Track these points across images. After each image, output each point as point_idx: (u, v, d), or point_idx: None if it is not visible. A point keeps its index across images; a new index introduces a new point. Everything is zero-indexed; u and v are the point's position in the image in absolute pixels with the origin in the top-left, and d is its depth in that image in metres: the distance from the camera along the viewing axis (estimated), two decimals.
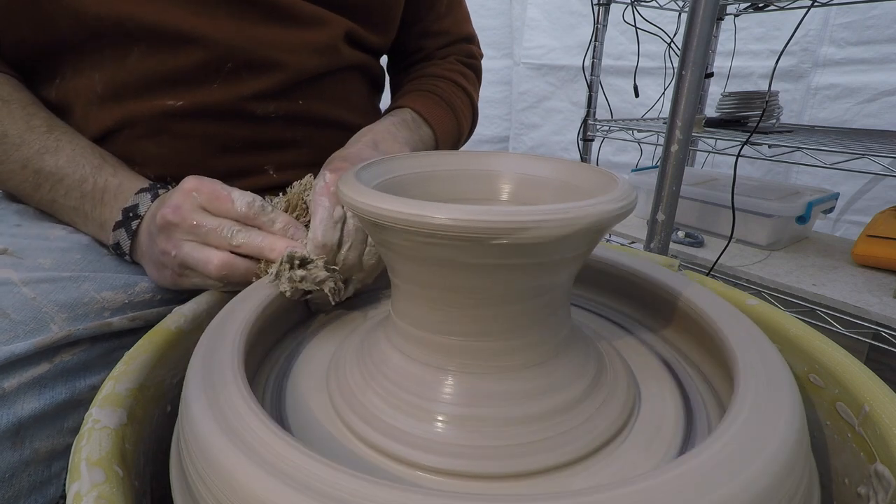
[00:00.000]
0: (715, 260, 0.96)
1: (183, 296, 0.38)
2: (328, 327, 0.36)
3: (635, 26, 1.28)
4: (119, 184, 0.41)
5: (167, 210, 0.35)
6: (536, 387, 0.25)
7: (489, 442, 0.23)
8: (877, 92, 1.41)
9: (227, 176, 0.40)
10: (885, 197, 1.43)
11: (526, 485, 0.22)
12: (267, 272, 0.34)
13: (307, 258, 0.33)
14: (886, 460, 0.23)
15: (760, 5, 1.22)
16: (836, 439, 0.27)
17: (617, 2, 1.23)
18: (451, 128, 0.58)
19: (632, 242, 1.18)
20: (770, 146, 0.95)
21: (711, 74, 1.39)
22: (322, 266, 0.33)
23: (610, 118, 1.39)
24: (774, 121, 1.20)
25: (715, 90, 1.45)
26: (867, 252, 0.93)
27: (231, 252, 0.35)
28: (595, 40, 1.24)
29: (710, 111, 1.38)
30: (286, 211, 0.38)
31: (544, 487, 0.22)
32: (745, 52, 1.56)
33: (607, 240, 1.17)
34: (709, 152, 1.14)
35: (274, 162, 0.50)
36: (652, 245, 0.87)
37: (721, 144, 1.07)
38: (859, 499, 0.24)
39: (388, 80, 0.67)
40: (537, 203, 0.28)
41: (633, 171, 1.31)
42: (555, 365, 0.26)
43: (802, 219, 1.02)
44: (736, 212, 0.97)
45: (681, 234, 1.10)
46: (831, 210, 1.13)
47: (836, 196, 1.12)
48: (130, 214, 0.39)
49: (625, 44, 1.71)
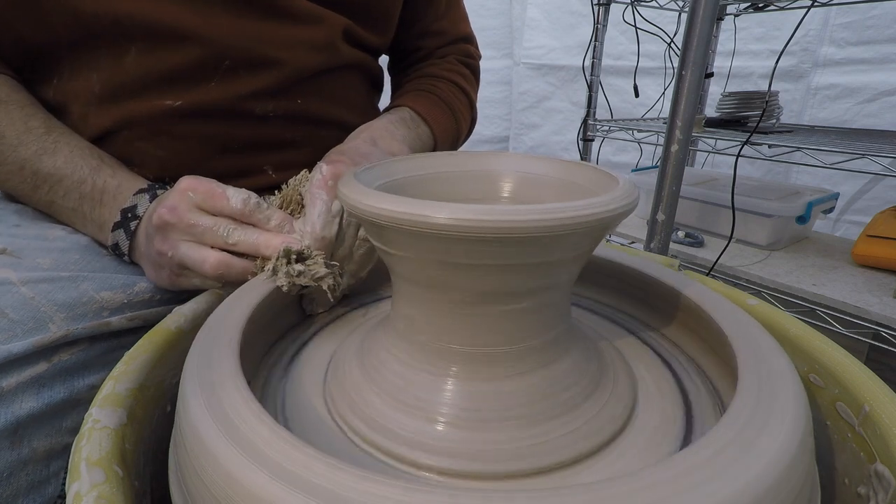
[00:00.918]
0: (715, 260, 0.96)
1: (182, 296, 0.38)
2: (328, 327, 0.36)
3: (635, 26, 1.28)
4: (118, 185, 0.41)
5: (163, 210, 0.35)
6: (537, 387, 0.25)
7: (490, 443, 0.23)
8: (877, 92, 1.41)
9: (227, 176, 0.40)
10: (885, 197, 1.44)
11: (528, 483, 0.22)
12: (263, 269, 0.33)
13: (304, 253, 0.33)
14: (886, 460, 0.23)
15: (760, 5, 1.22)
16: (836, 439, 0.27)
17: (617, 2, 1.23)
18: (450, 127, 0.58)
19: (632, 242, 1.18)
20: (770, 146, 0.95)
21: (711, 74, 1.39)
22: (322, 262, 0.33)
23: (610, 118, 1.39)
24: (774, 121, 1.20)
25: (715, 90, 1.45)
26: (867, 252, 0.93)
27: (227, 251, 0.35)
28: (595, 40, 1.24)
29: (710, 111, 1.39)
30: (281, 207, 0.37)
31: (546, 485, 0.22)
32: (745, 52, 1.56)
33: (607, 240, 1.17)
34: (709, 152, 1.14)
35: (273, 162, 0.50)
36: (652, 245, 0.87)
37: (721, 144, 1.07)
38: (859, 499, 0.24)
39: (389, 81, 0.67)
40: (538, 203, 0.28)
41: (633, 171, 1.31)
42: (556, 365, 0.26)
43: (802, 219, 1.02)
44: (736, 212, 0.97)
45: (681, 234, 1.10)
46: (831, 210, 1.13)
47: (836, 196, 1.12)
48: (129, 215, 0.39)
49: (625, 44, 1.71)
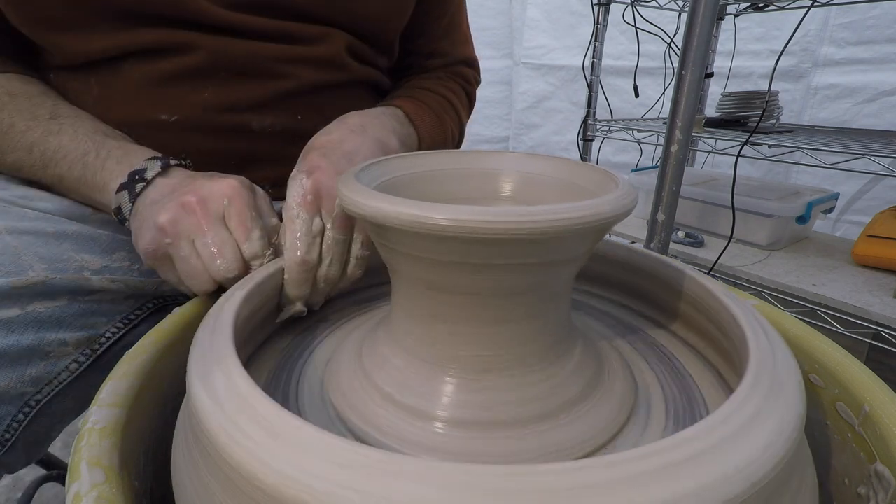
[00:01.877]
0: (715, 260, 0.96)
1: (156, 275, 0.37)
2: (328, 327, 0.36)
3: (635, 26, 1.28)
4: (124, 153, 0.40)
5: (194, 197, 0.33)
6: (537, 386, 0.25)
7: (492, 445, 0.23)
8: (877, 92, 1.41)
9: None
10: (885, 197, 1.44)
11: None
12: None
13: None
14: (886, 460, 0.23)
15: (760, 5, 1.22)
16: (836, 439, 0.27)
17: (617, 2, 1.23)
18: (437, 136, 0.55)
19: (632, 242, 1.18)
20: (770, 146, 0.95)
21: (711, 74, 1.39)
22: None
23: (610, 118, 1.39)
24: (774, 121, 1.20)
25: (715, 90, 1.45)
26: (867, 252, 0.94)
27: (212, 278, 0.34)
28: (595, 40, 1.24)
29: (710, 111, 1.39)
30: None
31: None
32: (745, 52, 1.56)
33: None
34: (709, 152, 1.14)
35: (270, 179, 0.48)
36: (652, 245, 0.87)
37: (721, 144, 1.07)
38: (859, 499, 0.24)
39: None
40: (538, 202, 0.28)
41: (633, 171, 1.31)
42: (556, 365, 0.26)
43: (802, 219, 1.02)
44: (736, 212, 0.97)
45: (681, 234, 1.10)
46: (831, 210, 1.13)
47: (836, 196, 1.12)
48: (136, 177, 0.37)
49: (625, 44, 1.71)
